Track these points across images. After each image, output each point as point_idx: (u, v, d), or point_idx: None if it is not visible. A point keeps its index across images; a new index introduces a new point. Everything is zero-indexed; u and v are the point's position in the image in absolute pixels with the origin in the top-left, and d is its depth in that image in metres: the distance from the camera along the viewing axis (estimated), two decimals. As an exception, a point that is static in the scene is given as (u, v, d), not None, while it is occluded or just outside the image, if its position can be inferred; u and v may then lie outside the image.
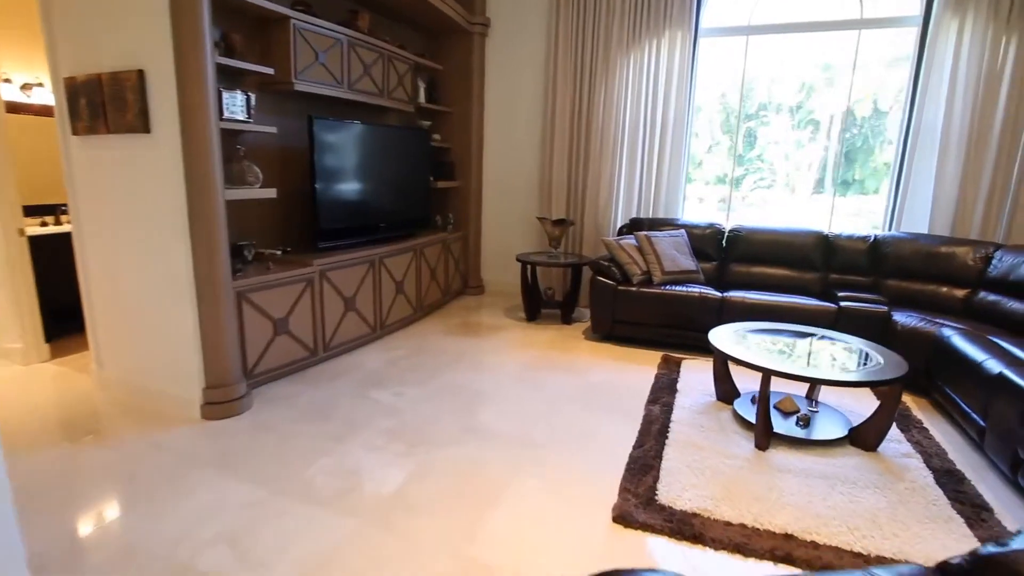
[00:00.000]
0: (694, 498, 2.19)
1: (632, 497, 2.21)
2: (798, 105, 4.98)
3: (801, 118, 5.04)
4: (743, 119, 5.00)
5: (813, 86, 4.92)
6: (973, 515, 2.18)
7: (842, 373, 2.52)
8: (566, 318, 4.77)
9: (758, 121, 5.10)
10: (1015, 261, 3.45)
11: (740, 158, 5.07)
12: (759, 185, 5.31)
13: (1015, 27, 3.82)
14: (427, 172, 4.74)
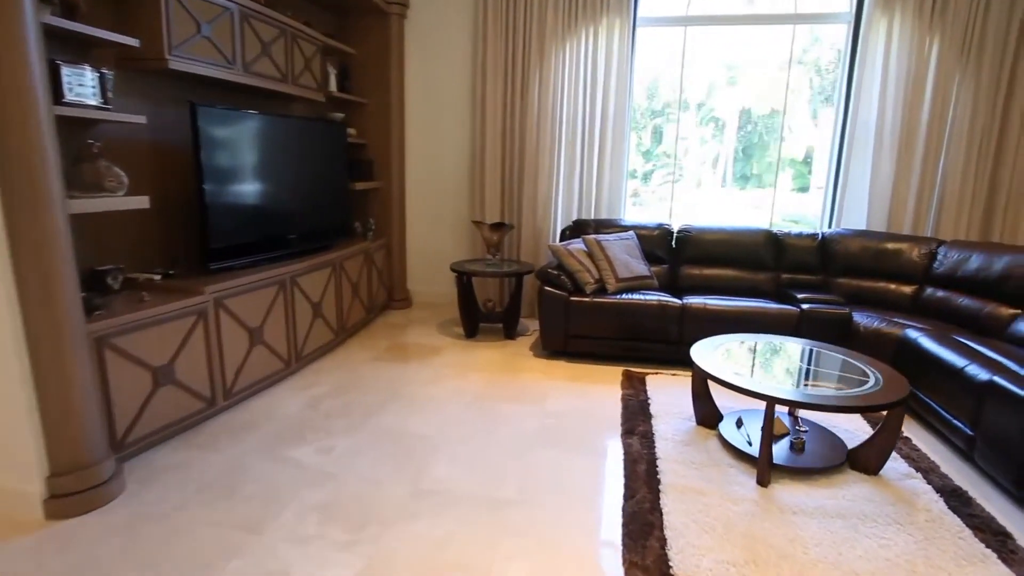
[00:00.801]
0: (715, 566, 1.81)
1: (641, 573, 1.79)
2: (700, 104, 4.95)
3: (703, 115, 5.04)
4: (652, 115, 4.81)
5: (715, 84, 4.89)
6: (999, 546, 1.98)
7: (853, 397, 2.26)
8: (509, 332, 4.31)
9: (664, 118, 4.98)
10: (960, 257, 3.45)
11: (648, 153, 4.93)
12: (667, 180, 5.23)
13: (936, 28, 3.86)
14: (344, 172, 4.07)
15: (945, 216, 4.07)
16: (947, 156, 4.01)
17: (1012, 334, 2.99)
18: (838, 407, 2.13)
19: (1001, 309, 3.15)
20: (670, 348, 3.68)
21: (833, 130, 4.39)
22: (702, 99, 4.91)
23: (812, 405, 2.16)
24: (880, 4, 3.92)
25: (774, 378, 2.47)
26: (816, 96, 4.69)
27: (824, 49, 4.50)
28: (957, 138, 3.95)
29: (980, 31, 3.79)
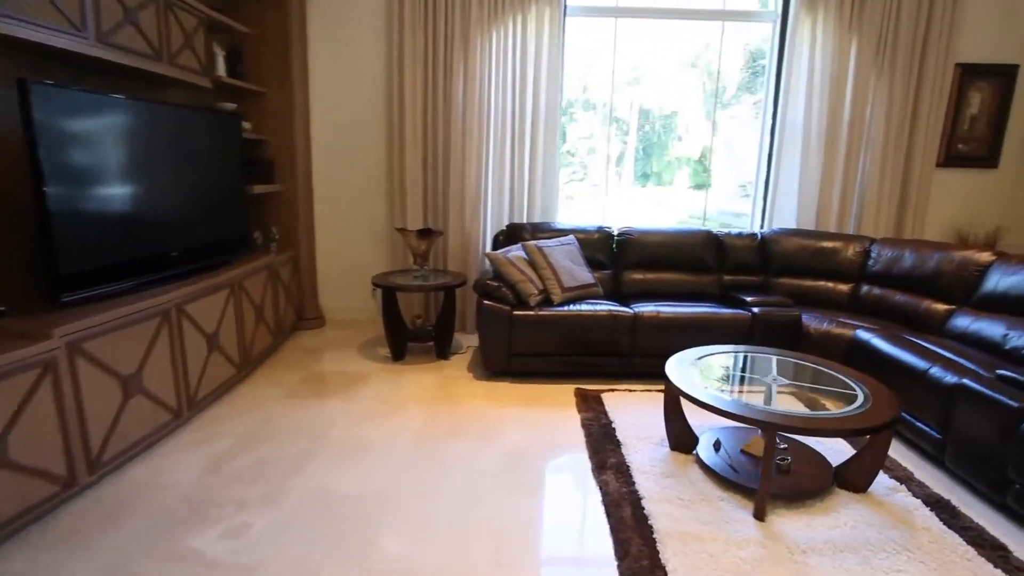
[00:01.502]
0: (747, 640, 1.53)
1: (665, 661, 1.46)
2: (604, 103, 4.86)
3: (605, 114, 5.00)
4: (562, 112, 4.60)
5: (621, 82, 4.84)
6: (1002, 562, 1.90)
7: (852, 418, 2.10)
8: (442, 351, 3.86)
9: (568, 117, 4.83)
10: (893, 255, 3.53)
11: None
12: (573, 178, 5.11)
13: (855, 30, 3.95)
14: (239, 173, 3.41)
15: (866, 215, 4.19)
16: (866, 155, 4.13)
17: (950, 330, 3.05)
18: (841, 430, 1.95)
19: (936, 305, 3.22)
20: (622, 361, 3.44)
21: (761, 129, 4.40)
22: (606, 98, 4.82)
23: (818, 431, 1.96)
24: (805, 5, 3.94)
25: (761, 398, 2.27)
26: (709, 98, 4.77)
27: (713, 54, 4.54)
28: (875, 138, 4.07)
29: (893, 35, 3.93)
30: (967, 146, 4.21)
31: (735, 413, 2.04)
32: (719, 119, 4.64)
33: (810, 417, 2.03)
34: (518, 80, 4.10)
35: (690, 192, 5.14)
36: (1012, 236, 4.19)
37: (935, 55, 3.93)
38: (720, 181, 4.92)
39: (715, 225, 4.70)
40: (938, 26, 3.89)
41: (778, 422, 1.97)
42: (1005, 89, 4.13)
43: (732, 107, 4.54)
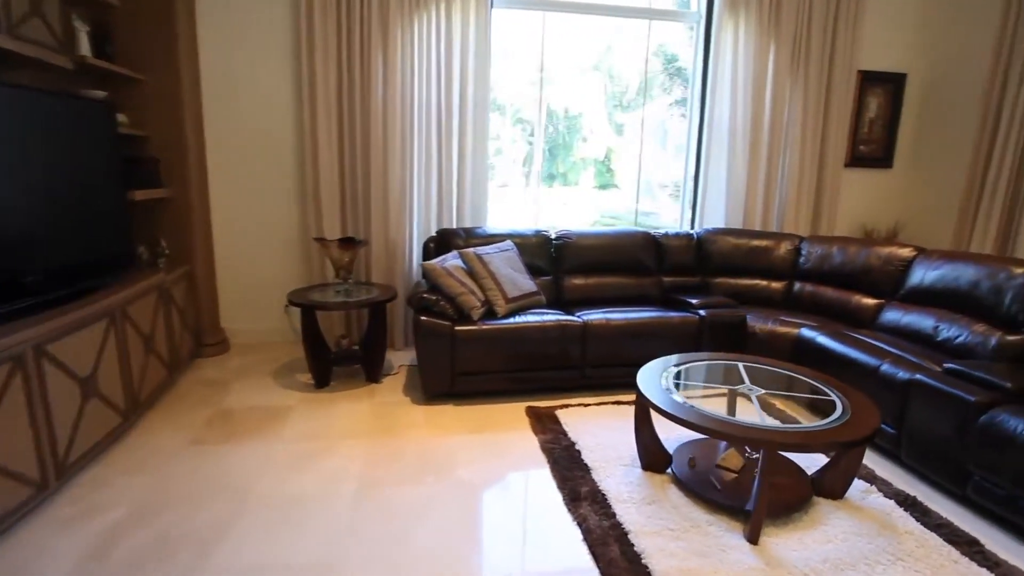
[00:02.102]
0: None
1: None
2: (512, 103, 4.80)
3: (511, 115, 4.96)
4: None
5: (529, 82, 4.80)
6: (979, 557, 1.91)
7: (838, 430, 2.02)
8: (372, 374, 3.46)
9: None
10: (822, 252, 3.65)
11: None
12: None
13: (773, 35, 4.07)
14: (116, 175, 2.79)
15: (787, 213, 4.35)
16: (786, 156, 4.27)
17: (882, 324, 3.18)
18: (836, 443, 1.86)
19: (866, 300, 3.35)
20: (572, 373, 3.25)
21: (688, 130, 4.42)
22: (517, 97, 4.72)
23: (812, 447, 1.86)
24: (728, 7, 3.99)
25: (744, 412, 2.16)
26: (610, 100, 4.82)
27: (621, 55, 4.58)
28: (793, 139, 4.22)
29: (806, 41, 4.09)
30: (867, 147, 4.51)
31: (727, 433, 1.90)
32: (626, 120, 4.66)
33: (807, 432, 1.93)
34: (443, 74, 3.78)
35: (596, 192, 5.17)
36: (908, 231, 4.54)
37: (842, 62, 4.15)
38: (626, 181, 4.96)
39: (627, 225, 4.75)
40: (843, 35, 4.10)
41: (776, 440, 1.85)
42: (896, 95, 4.46)
43: (647, 107, 4.54)
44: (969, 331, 2.72)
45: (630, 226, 4.62)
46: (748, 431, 1.91)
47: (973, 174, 3.94)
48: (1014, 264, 2.69)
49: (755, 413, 2.18)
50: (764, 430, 1.92)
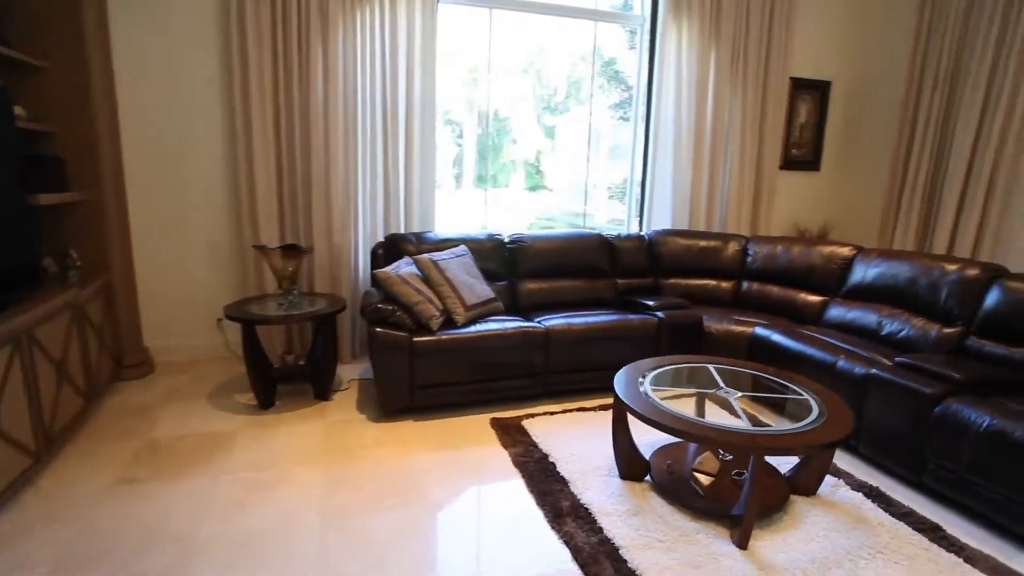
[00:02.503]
0: None
1: None
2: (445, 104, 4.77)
3: (441, 115, 4.94)
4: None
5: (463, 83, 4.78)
6: (944, 543, 2.01)
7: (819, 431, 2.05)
8: (321, 391, 3.22)
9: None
10: (767, 251, 3.78)
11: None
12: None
13: (713, 41, 4.18)
14: (12, 176, 2.39)
15: (729, 214, 4.48)
16: (728, 158, 4.41)
17: (828, 320, 3.33)
18: (820, 444, 1.88)
19: (811, 297, 3.50)
20: (535, 381, 3.17)
21: (633, 132, 4.47)
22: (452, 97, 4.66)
23: (799, 449, 1.87)
24: (671, 12, 4.05)
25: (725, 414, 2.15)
26: (539, 103, 4.85)
27: (546, 59, 4.61)
28: (734, 142, 4.36)
29: (744, 47, 4.23)
30: (799, 151, 4.74)
31: (721, 440, 1.87)
32: (558, 122, 4.69)
33: (794, 435, 1.94)
34: (389, 70, 3.59)
35: (526, 194, 5.18)
36: (837, 230, 4.82)
37: (776, 69, 4.33)
38: (558, 183, 4.99)
39: (565, 226, 4.78)
40: (777, 43, 4.28)
41: (768, 445, 1.84)
42: (823, 102, 4.72)
43: (581, 110, 4.57)
44: (910, 325, 2.89)
45: (574, 228, 4.60)
46: (740, 437, 1.90)
47: (893, 175, 4.23)
48: (947, 262, 2.88)
49: (726, 416, 2.18)
50: (756, 435, 1.91)
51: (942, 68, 3.88)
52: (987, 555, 1.96)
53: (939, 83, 3.90)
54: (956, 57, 3.83)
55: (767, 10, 4.20)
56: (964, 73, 3.77)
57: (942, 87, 3.89)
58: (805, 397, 2.23)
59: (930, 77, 3.96)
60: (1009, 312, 2.59)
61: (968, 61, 3.74)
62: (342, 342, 3.78)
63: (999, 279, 2.69)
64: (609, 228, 4.63)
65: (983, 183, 3.64)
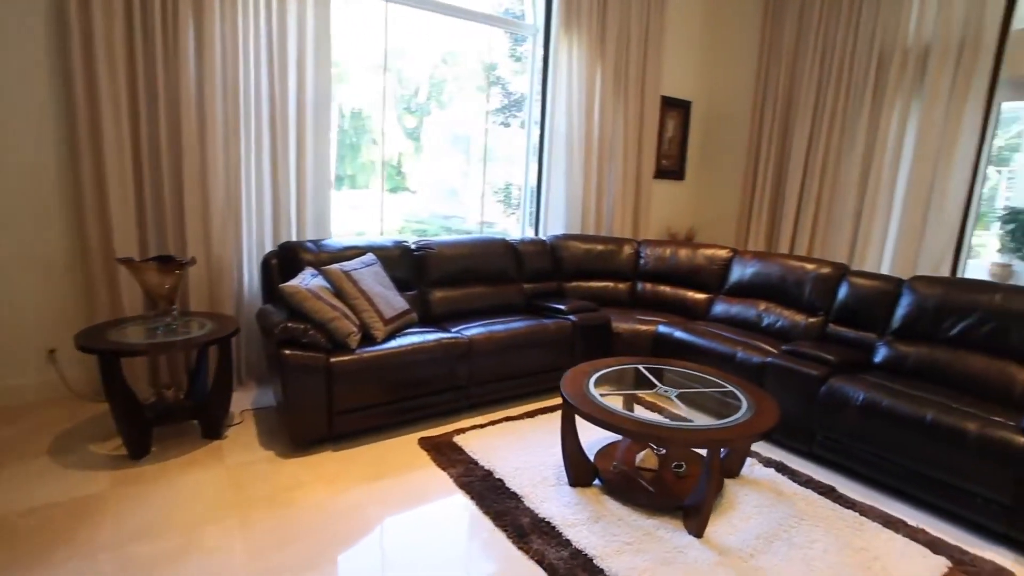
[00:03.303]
0: None
1: None
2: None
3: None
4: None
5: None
6: (841, 501, 2.37)
7: (748, 424, 2.25)
8: (211, 429, 2.77)
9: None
10: (658, 254, 4.10)
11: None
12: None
13: (600, 56, 4.43)
14: None
15: (615, 218, 4.78)
16: (612, 167, 4.69)
17: (714, 315, 3.71)
18: (760, 434, 2.08)
19: (698, 295, 3.87)
20: (458, 394, 3.07)
21: (527, 139, 4.55)
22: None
23: (747, 439, 2.04)
24: (563, 26, 4.19)
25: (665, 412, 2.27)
26: (400, 103, 4.86)
27: (407, 59, 4.59)
28: (617, 152, 4.65)
29: (625, 66, 4.54)
30: (668, 162, 5.23)
31: (674, 438, 1.97)
32: (427, 123, 4.66)
33: (736, 426, 2.10)
34: (277, 58, 3.20)
35: (388, 196, 5.01)
36: (701, 233, 5.40)
37: (651, 87, 4.71)
38: (422, 185, 4.95)
39: (437, 230, 4.77)
40: (652, 63, 4.66)
41: (720, 437, 1.98)
42: (685, 119, 5.26)
43: (451, 112, 4.57)
44: (784, 317, 3.34)
45: (478, 233, 4.56)
46: (700, 434, 2.02)
47: (745, 184, 4.86)
48: (808, 262, 3.39)
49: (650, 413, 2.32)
50: (713, 430, 2.05)
51: (779, 93, 4.54)
52: (872, 506, 2.35)
53: (777, 106, 4.56)
54: (789, 84, 4.52)
55: (643, 33, 4.55)
56: (796, 97, 4.46)
57: (780, 109, 4.56)
58: (731, 389, 2.45)
59: (771, 100, 4.61)
60: (855, 303, 3.12)
61: (798, 88, 4.43)
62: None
63: (846, 276, 3.22)
64: (473, 229, 4.68)
65: (814, 190, 4.34)
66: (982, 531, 2.24)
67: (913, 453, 2.33)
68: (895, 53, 3.85)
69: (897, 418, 2.37)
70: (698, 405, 2.41)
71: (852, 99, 4.10)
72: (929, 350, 2.75)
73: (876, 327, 3.00)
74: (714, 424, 2.12)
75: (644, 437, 2.03)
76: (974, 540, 2.19)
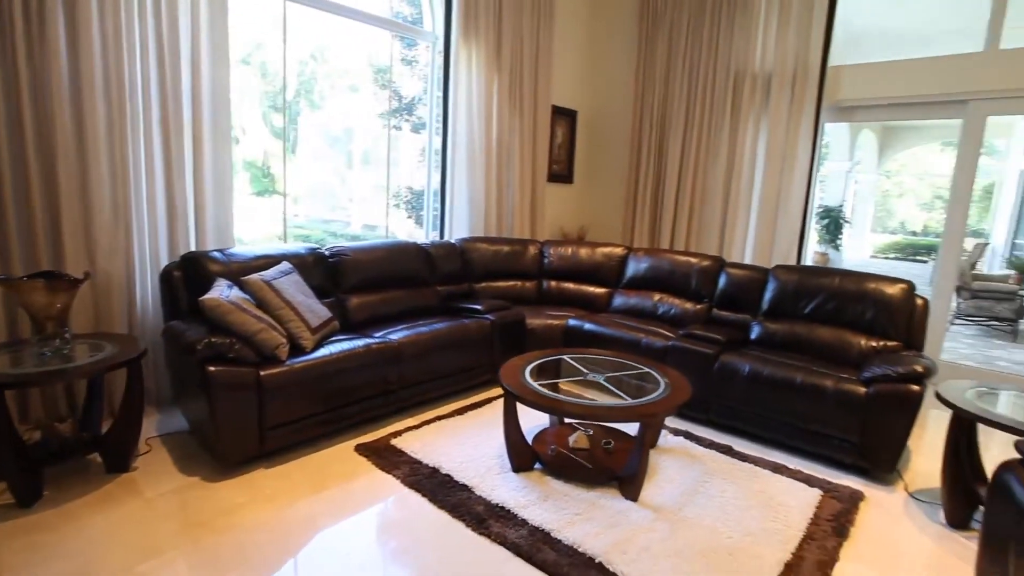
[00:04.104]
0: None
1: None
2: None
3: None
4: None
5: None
6: (738, 456, 2.80)
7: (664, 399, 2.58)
8: (119, 461, 2.52)
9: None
10: (560, 253, 4.41)
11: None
12: None
13: (496, 66, 4.64)
14: None
15: (515, 220, 5.03)
16: (510, 171, 4.93)
17: (615, 307, 4.10)
18: (679, 405, 2.41)
19: (599, 290, 4.24)
20: (389, 399, 3.09)
21: (429, 143, 4.63)
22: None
23: (671, 412, 2.35)
24: (462, 35, 4.34)
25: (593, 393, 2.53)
26: (265, 101, 4.80)
27: (269, 53, 4.47)
28: (515, 158, 4.90)
29: (520, 77, 4.80)
30: (558, 166, 5.60)
31: (613, 416, 2.22)
32: (295, 123, 4.65)
33: (662, 400, 2.41)
34: (167, 48, 2.96)
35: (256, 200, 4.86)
36: (591, 232, 5.85)
37: (542, 96, 5.03)
38: (296, 188, 4.88)
39: (322, 235, 4.78)
40: (542, 74, 4.98)
41: (654, 411, 2.27)
42: (572, 127, 5.68)
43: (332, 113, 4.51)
44: (676, 305, 3.81)
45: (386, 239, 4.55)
46: (630, 411, 2.29)
47: (628, 188, 5.38)
48: (692, 256, 3.90)
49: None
50: (639, 406, 2.33)
51: (655, 107, 5.11)
52: (762, 458, 2.82)
53: (654, 118, 5.13)
54: (664, 99, 5.10)
55: (535, 47, 4.85)
56: (669, 111, 5.05)
57: (657, 121, 5.13)
58: (648, 371, 2.79)
59: (648, 113, 5.17)
60: (733, 290, 3.67)
61: (671, 103, 5.02)
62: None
63: (724, 267, 3.77)
64: (359, 234, 4.71)
65: (688, 193, 4.96)
66: (841, 465, 2.80)
67: (788, 410, 2.85)
68: (747, 78, 4.54)
69: (775, 383, 2.87)
70: (617, 388, 2.70)
71: (715, 115, 4.76)
72: (791, 326, 3.34)
73: (750, 309, 3.57)
74: (644, 400, 2.41)
75: (590, 417, 2.26)
76: (836, 473, 2.74)
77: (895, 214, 16.62)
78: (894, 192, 16.60)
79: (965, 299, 6.66)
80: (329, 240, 4.90)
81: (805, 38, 4.26)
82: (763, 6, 4.47)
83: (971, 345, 6.00)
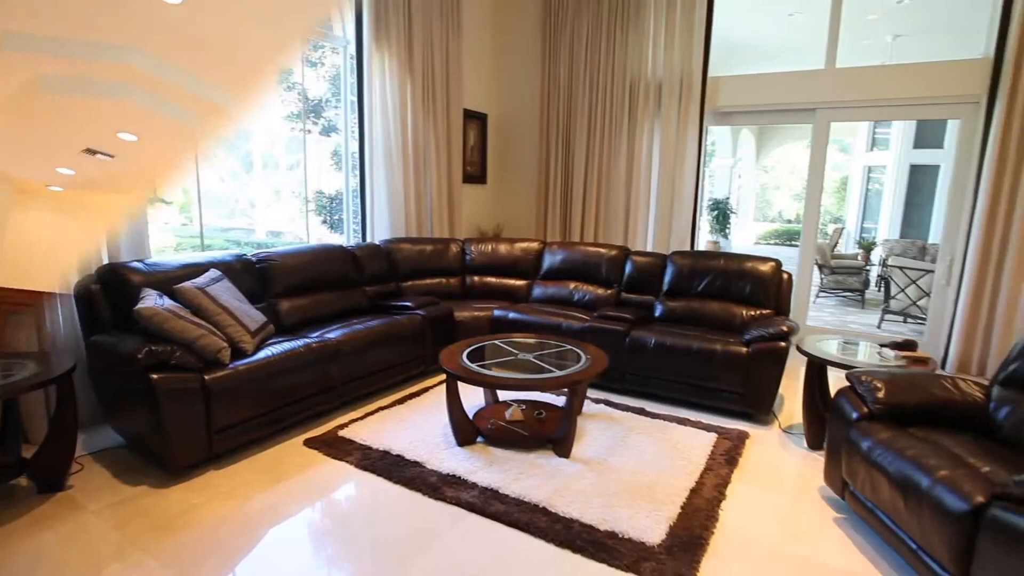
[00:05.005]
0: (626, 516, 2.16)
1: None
2: None
3: None
4: None
5: None
6: (650, 415, 3.24)
7: (585, 369, 2.94)
8: (53, 481, 2.47)
9: None
10: (481, 250, 4.70)
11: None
12: None
13: (409, 71, 4.84)
14: None
15: (435, 221, 5.25)
16: (427, 174, 5.14)
17: (535, 297, 4.46)
18: (600, 372, 2.78)
19: (519, 282, 4.58)
20: (331, 395, 3.22)
21: (346, 146, 4.73)
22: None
23: (593, 378, 2.71)
24: (374, 40, 4.49)
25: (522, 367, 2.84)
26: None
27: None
28: (431, 161, 5.12)
29: (432, 82, 5.02)
30: (472, 168, 5.88)
31: (544, 384, 2.55)
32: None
33: (584, 370, 2.77)
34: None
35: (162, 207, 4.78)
36: (507, 229, 6.18)
37: (454, 100, 5.28)
38: (183, 195, 4.82)
39: (224, 243, 4.78)
40: (453, 79, 5.23)
41: (578, 378, 2.62)
42: (483, 129, 5.98)
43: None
44: (590, 292, 4.23)
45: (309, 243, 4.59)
46: (562, 379, 2.63)
47: (539, 187, 5.78)
48: (601, 247, 4.34)
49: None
50: (569, 375, 2.68)
51: (560, 110, 5.55)
52: (668, 414, 3.28)
53: (560, 121, 5.56)
54: (568, 103, 5.54)
55: (444, 53, 5.08)
56: (574, 115, 5.50)
57: (563, 124, 5.56)
58: (570, 348, 3.15)
59: (554, 116, 5.60)
60: (637, 275, 4.15)
61: (576, 107, 5.47)
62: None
63: (629, 256, 4.25)
64: (263, 240, 4.77)
65: (594, 190, 5.44)
66: (731, 413, 3.33)
67: (688, 372, 3.34)
68: (641, 85, 5.09)
69: (677, 351, 3.35)
70: (545, 364, 3.03)
71: (615, 118, 5.27)
72: (687, 302, 3.86)
73: (653, 291, 4.06)
74: (570, 370, 2.77)
75: (526, 388, 2.57)
76: (728, 420, 3.26)
77: (773, 204, 18.63)
78: (771, 185, 18.60)
79: (826, 275, 7.77)
80: (233, 248, 4.82)
81: (688, 51, 4.87)
82: (651, 21, 5.04)
83: (832, 313, 7.05)
